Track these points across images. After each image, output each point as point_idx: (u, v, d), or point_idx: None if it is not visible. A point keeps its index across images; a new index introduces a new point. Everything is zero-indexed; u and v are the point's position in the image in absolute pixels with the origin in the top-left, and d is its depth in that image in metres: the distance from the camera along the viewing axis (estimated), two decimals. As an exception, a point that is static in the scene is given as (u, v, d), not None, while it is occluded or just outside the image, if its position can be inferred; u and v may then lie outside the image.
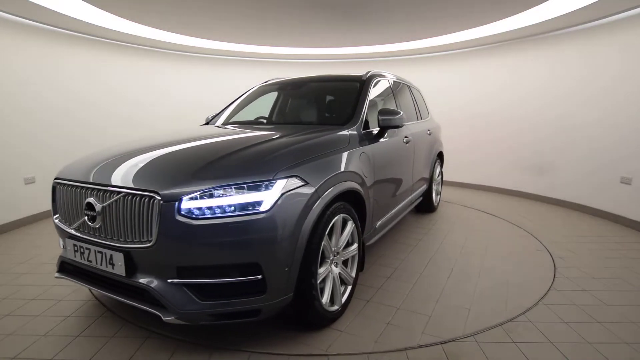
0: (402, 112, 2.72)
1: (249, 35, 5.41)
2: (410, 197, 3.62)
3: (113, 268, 1.75)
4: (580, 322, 2.18)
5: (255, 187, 1.67)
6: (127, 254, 1.71)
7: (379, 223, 2.82)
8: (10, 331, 2.10)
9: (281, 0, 3.89)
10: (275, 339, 2.01)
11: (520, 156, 5.64)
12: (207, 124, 3.38)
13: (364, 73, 3.16)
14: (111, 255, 1.75)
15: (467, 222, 4.27)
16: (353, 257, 2.33)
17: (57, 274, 2.05)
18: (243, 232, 1.62)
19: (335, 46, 6.19)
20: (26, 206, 4.27)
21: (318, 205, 1.85)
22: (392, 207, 3.11)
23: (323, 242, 1.93)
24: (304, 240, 1.78)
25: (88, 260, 1.85)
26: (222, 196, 1.63)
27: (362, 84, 2.99)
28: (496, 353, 1.89)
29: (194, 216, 1.60)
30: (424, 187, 4.19)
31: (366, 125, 2.69)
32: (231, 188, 1.65)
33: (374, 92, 3.10)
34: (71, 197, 1.93)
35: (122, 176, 1.81)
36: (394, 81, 3.63)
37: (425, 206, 4.55)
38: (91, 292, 2.57)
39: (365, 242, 2.64)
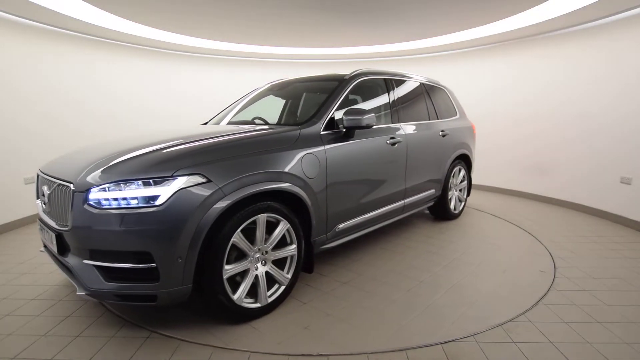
0: (372, 113, 2.62)
1: (250, 35, 5.40)
2: (402, 202, 3.38)
3: (53, 246, 2.05)
4: (580, 322, 2.18)
5: (156, 183, 1.82)
6: (59, 235, 1.99)
7: (341, 226, 2.74)
8: (10, 331, 2.10)
9: (284, 1, 3.89)
10: (187, 325, 2.13)
11: (521, 156, 5.63)
12: (206, 123, 3.46)
13: (350, 72, 3.09)
14: (51, 235, 2.05)
15: (480, 231, 3.93)
16: (292, 257, 2.36)
17: (41, 249, 2.36)
18: (137, 223, 1.77)
19: (342, 46, 6.16)
20: (26, 206, 4.27)
21: (222, 203, 1.91)
22: (364, 212, 2.95)
23: (234, 239, 2.00)
24: (200, 234, 1.85)
25: (44, 238, 2.22)
26: (124, 189, 1.82)
27: (340, 83, 2.92)
28: (496, 353, 1.89)
29: (99, 206, 1.81)
30: (432, 192, 3.85)
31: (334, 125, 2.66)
32: (136, 182, 1.82)
33: (356, 92, 3.07)
34: (40, 185, 2.32)
35: (61, 169, 2.12)
36: (395, 79, 3.49)
37: (441, 213, 4.24)
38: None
39: (322, 245, 2.64)
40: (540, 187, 5.41)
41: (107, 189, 1.82)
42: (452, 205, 4.26)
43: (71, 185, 1.90)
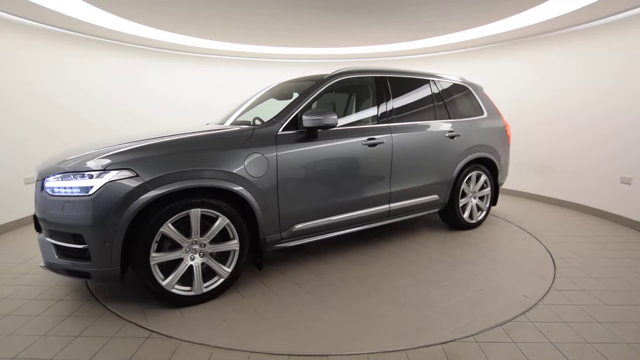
0: (334, 113, 2.63)
1: (250, 36, 5.40)
2: (387, 206, 3.20)
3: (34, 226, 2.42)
4: (580, 322, 2.18)
5: (96, 176, 2.09)
6: (35, 216, 2.34)
7: (299, 227, 2.72)
8: (10, 331, 2.10)
9: (285, 1, 3.88)
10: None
11: (520, 156, 5.63)
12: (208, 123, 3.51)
13: (332, 71, 3.04)
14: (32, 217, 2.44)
15: (482, 239, 3.61)
16: (234, 252, 2.46)
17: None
18: (72, 209, 2.08)
19: (347, 45, 6.15)
20: (26, 206, 4.27)
21: (147, 195, 2.11)
22: (331, 214, 2.87)
23: (163, 230, 2.19)
24: (125, 222, 2.08)
25: None
26: (69, 180, 2.13)
27: (315, 83, 2.92)
28: (496, 353, 1.89)
29: (52, 193, 2.15)
30: (434, 197, 3.55)
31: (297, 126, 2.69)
32: (80, 175, 2.12)
33: (339, 92, 3.07)
34: None
35: (41, 163, 2.45)
36: (390, 77, 3.33)
37: (451, 221, 3.91)
38: (90, 292, 2.57)
39: (276, 243, 2.67)
40: (540, 187, 5.41)
41: (59, 178, 2.15)
42: (466, 214, 3.88)
43: (36, 175, 2.28)
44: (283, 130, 2.64)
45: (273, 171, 2.53)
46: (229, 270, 2.46)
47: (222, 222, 2.36)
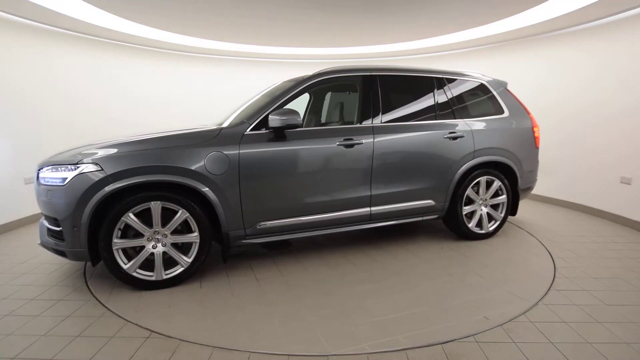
0: (297, 114, 2.69)
1: (250, 36, 5.40)
2: (367, 209, 3.07)
3: None
4: (580, 322, 2.18)
5: (69, 169, 2.39)
6: None
7: (266, 225, 2.77)
8: (10, 331, 2.10)
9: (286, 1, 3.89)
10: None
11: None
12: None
13: (313, 72, 3.03)
14: None
15: (483, 252, 3.25)
16: (195, 243, 2.62)
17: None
18: (51, 196, 2.41)
19: (348, 45, 6.16)
20: (26, 206, 4.27)
21: (108, 188, 2.35)
22: (301, 213, 2.85)
23: (126, 219, 2.42)
24: (89, 210, 2.34)
25: None
26: (53, 172, 2.44)
27: (294, 84, 2.94)
28: (496, 353, 1.89)
29: (43, 182, 2.47)
30: (428, 202, 3.30)
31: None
32: (61, 167, 2.42)
33: (322, 92, 3.22)
34: None
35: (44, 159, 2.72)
36: (381, 76, 3.18)
37: (454, 230, 3.59)
38: (90, 292, 2.58)
39: (241, 239, 2.75)
40: (540, 187, 5.40)
41: (50, 170, 2.45)
42: (472, 223, 3.51)
43: (36, 167, 2.60)
44: (251, 130, 2.71)
45: (234, 169, 2.62)
46: (189, 260, 2.61)
47: (182, 215, 2.53)
